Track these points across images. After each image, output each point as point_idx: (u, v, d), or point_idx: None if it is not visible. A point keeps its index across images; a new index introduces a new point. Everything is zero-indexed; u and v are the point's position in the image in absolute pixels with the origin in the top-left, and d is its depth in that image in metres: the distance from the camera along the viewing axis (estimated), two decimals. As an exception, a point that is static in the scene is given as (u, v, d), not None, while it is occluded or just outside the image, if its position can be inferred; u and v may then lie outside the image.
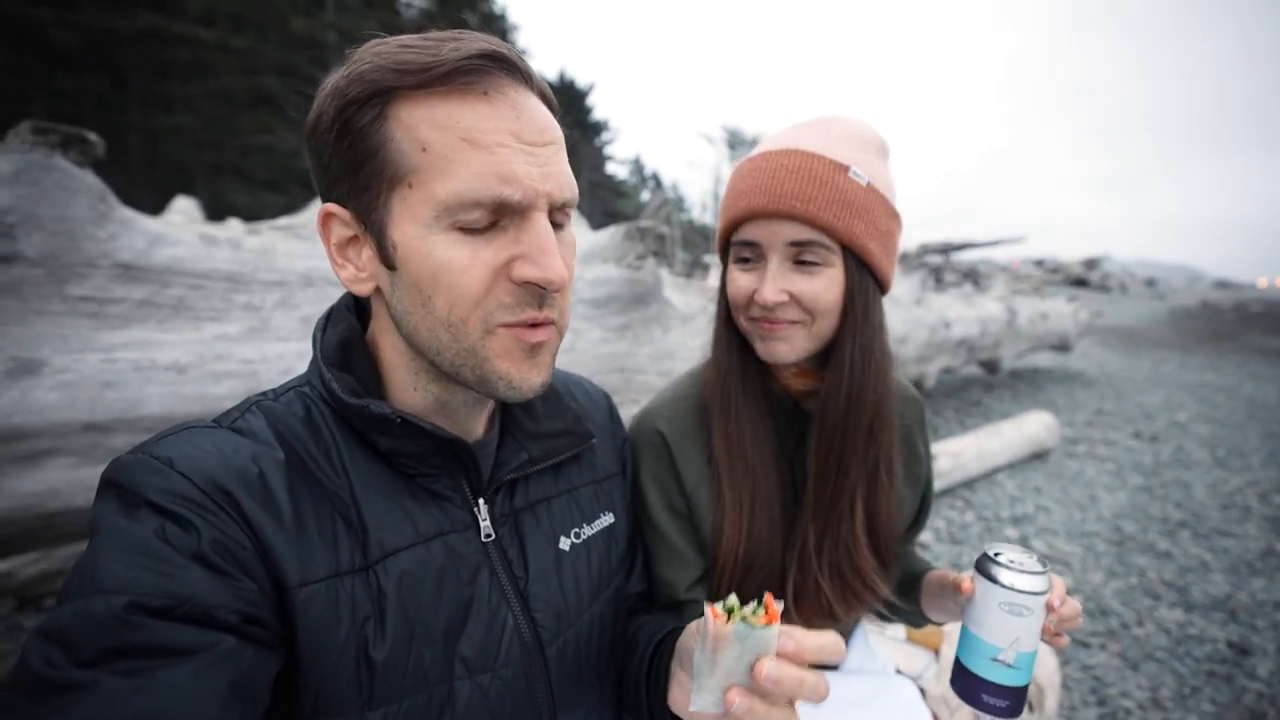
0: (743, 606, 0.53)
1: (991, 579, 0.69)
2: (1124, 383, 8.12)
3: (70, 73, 15.36)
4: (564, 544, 0.73)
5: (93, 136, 1.43)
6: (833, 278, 0.81)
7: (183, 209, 4.02)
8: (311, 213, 2.46)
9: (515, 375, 0.59)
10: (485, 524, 0.66)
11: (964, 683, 0.71)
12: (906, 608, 0.99)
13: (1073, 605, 0.72)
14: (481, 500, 0.66)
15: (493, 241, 0.55)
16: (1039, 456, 4.69)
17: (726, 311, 0.91)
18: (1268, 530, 3.56)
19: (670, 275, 2.98)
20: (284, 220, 2.41)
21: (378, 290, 0.61)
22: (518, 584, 0.67)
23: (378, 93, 0.53)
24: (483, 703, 0.62)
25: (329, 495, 0.57)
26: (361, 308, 0.69)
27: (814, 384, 0.89)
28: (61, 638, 0.44)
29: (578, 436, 0.77)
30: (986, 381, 7.35)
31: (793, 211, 0.78)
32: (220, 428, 0.57)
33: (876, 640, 1.17)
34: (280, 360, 1.66)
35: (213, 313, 1.61)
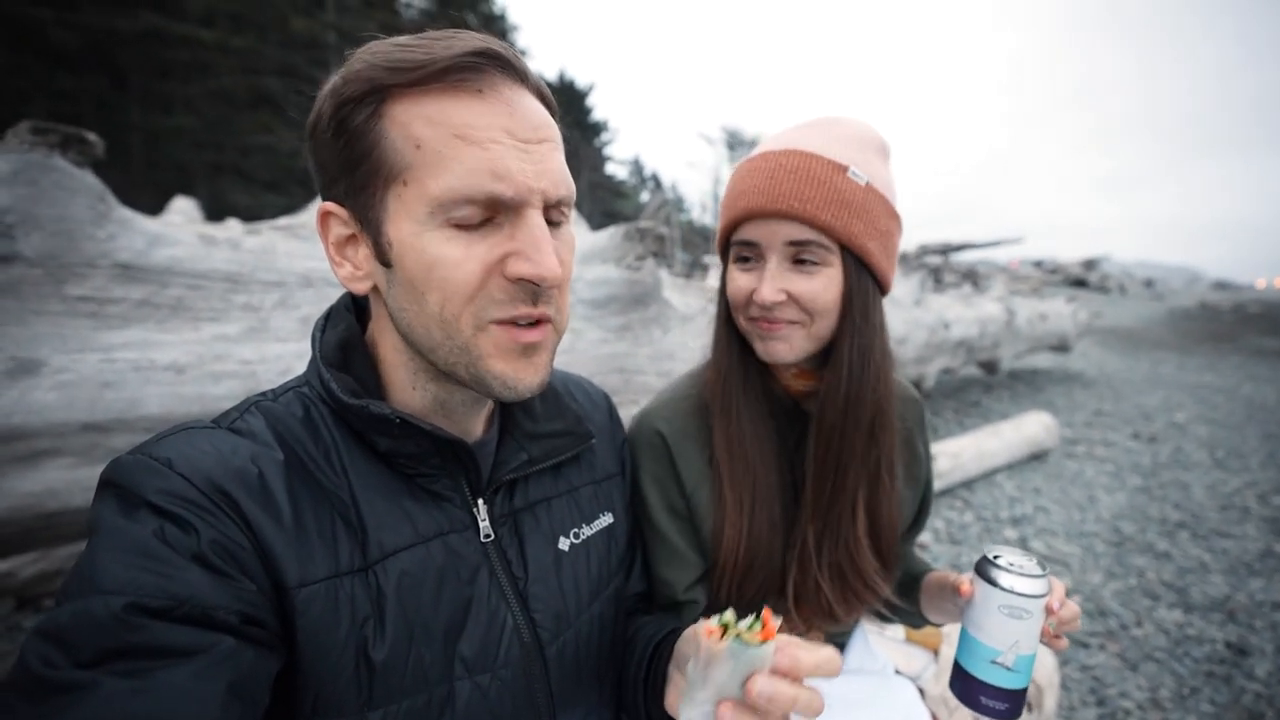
0: (740, 620, 0.52)
1: (991, 582, 0.69)
2: (1123, 383, 8.12)
3: (70, 73, 15.37)
4: (563, 544, 0.73)
5: (92, 136, 1.43)
6: (831, 278, 0.81)
7: (182, 209, 4.02)
8: (310, 213, 2.46)
9: (511, 375, 0.59)
10: (485, 524, 0.66)
11: (963, 685, 0.71)
12: (906, 608, 0.99)
13: (1072, 608, 0.72)
14: (481, 500, 0.66)
15: (487, 238, 0.55)
16: (1038, 457, 4.69)
17: (727, 312, 0.91)
18: (1266, 531, 3.56)
19: (670, 276, 2.98)
20: (283, 220, 2.41)
21: (375, 289, 0.60)
22: (517, 584, 0.67)
23: (372, 91, 0.53)
24: (482, 703, 0.61)
25: (328, 496, 0.57)
26: (361, 308, 0.69)
27: (814, 384, 0.89)
28: (60, 638, 0.44)
29: (577, 437, 0.77)
30: (985, 382, 7.35)
31: (791, 211, 0.78)
32: (219, 428, 0.57)
33: (876, 640, 1.17)
34: (279, 361, 1.66)
35: (212, 313, 1.61)
